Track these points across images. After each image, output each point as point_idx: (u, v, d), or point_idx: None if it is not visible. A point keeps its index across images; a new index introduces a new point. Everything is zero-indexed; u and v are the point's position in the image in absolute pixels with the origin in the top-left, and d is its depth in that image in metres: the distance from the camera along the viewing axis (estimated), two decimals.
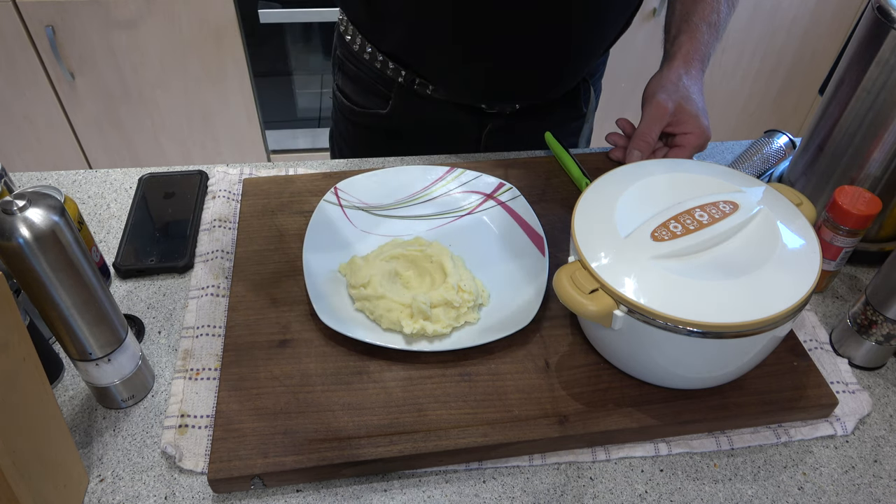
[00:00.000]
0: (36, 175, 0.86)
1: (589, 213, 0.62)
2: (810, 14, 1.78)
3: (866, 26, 0.68)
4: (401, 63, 0.85)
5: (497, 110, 0.88)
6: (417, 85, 0.86)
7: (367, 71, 0.88)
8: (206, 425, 0.60)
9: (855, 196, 0.66)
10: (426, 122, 0.90)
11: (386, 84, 0.88)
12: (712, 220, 0.59)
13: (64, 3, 1.51)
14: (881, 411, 0.64)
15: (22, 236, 0.47)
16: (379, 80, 0.88)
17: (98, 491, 0.57)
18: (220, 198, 0.80)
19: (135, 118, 1.75)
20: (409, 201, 0.79)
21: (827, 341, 0.69)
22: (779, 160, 0.87)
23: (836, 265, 0.71)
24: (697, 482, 0.59)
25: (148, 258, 0.74)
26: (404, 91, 0.87)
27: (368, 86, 0.90)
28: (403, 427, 0.58)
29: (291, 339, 0.65)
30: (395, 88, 0.88)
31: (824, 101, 0.75)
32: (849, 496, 0.58)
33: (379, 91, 0.89)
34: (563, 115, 0.91)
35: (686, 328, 0.53)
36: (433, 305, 0.65)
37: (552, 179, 0.84)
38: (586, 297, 0.55)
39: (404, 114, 0.90)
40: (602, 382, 0.62)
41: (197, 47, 1.63)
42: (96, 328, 0.55)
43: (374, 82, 0.89)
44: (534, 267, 0.70)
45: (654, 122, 0.73)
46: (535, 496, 0.57)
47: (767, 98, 1.97)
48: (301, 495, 0.57)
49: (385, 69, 0.86)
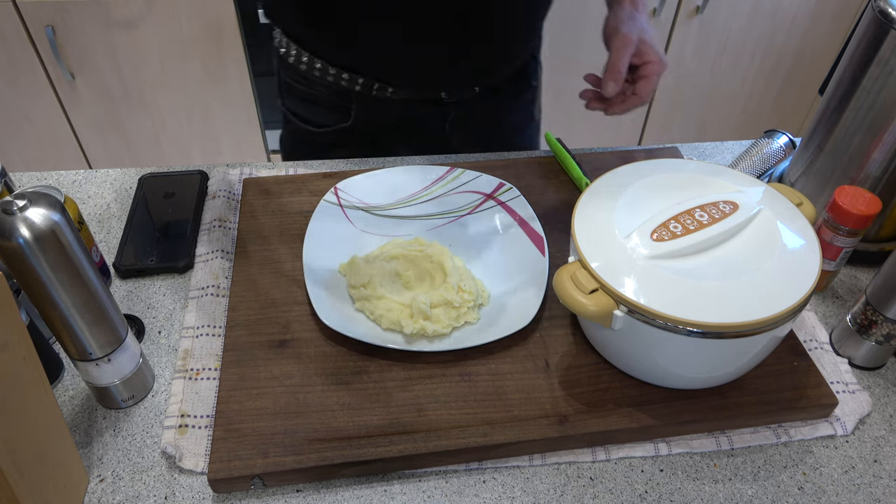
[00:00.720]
0: (36, 175, 0.86)
1: (589, 213, 0.62)
2: (810, 14, 1.78)
3: (866, 26, 0.68)
4: (355, 71, 0.83)
5: (456, 98, 0.88)
6: (376, 90, 0.84)
7: (321, 88, 0.86)
8: (206, 425, 0.60)
9: (855, 196, 0.66)
10: (390, 125, 0.89)
11: (343, 96, 0.86)
12: (712, 220, 0.59)
13: (64, 3, 1.51)
14: (881, 411, 0.64)
15: (22, 236, 0.47)
16: (335, 94, 0.86)
17: (98, 491, 0.57)
18: (220, 198, 0.80)
19: (135, 118, 1.75)
20: (409, 201, 0.79)
21: (827, 341, 0.69)
22: (779, 160, 0.87)
23: (836, 265, 0.71)
24: (697, 482, 0.59)
25: (148, 258, 0.74)
26: (364, 99, 0.85)
27: (325, 102, 0.87)
28: (403, 427, 0.58)
29: (291, 339, 0.65)
30: (353, 98, 0.86)
31: (824, 101, 0.75)
32: (849, 496, 0.58)
33: (337, 105, 0.87)
34: (516, 90, 0.92)
35: (686, 328, 0.53)
36: (433, 305, 0.65)
37: (552, 179, 0.84)
38: (586, 297, 0.55)
39: (367, 123, 0.88)
40: (602, 382, 0.62)
41: (197, 47, 1.63)
42: (96, 328, 0.55)
43: (330, 97, 0.86)
44: (534, 267, 0.70)
45: (622, 53, 0.76)
46: (535, 496, 0.57)
47: (767, 98, 1.97)
48: (301, 495, 0.57)
49: (339, 81, 0.84)
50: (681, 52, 1.80)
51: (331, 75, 0.84)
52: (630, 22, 0.77)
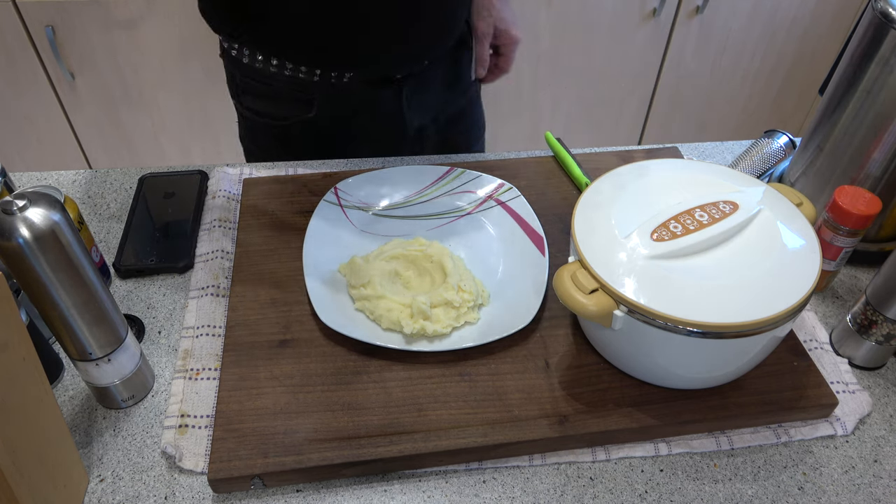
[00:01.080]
0: (36, 175, 0.86)
1: (589, 213, 0.62)
2: (810, 14, 1.78)
3: (866, 26, 0.68)
4: (312, 63, 0.86)
5: (407, 72, 0.92)
6: (334, 78, 0.87)
7: (280, 83, 0.88)
8: (206, 425, 0.60)
9: (855, 196, 0.66)
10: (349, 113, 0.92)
11: (304, 88, 0.88)
12: (712, 220, 0.59)
13: (64, 3, 1.51)
14: (881, 411, 0.64)
15: (22, 236, 0.47)
16: (296, 88, 0.88)
17: (98, 491, 0.57)
18: (220, 198, 0.80)
19: (135, 118, 1.75)
20: (409, 201, 0.79)
21: (827, 341, 0.69)
22: (779, 160, 0.87)
23: (836, 265, 0.71)
24: (697, 482, 0.59)
25: (148, 258, 0.74)
26: (324, 88, 0.88)
27: (286, 95, 0.90)
28: (403, 427, 0.58)
29: (291, 339, 0.65)
30: (314, 89, 0.88)
31: (824, 101, 0.75)
32: (849, 496, 0.58)
33: (299, 97, 0.89)
34: (458, 57, 0.99)
35: (686, 328, 0.53)
36: (433, 305, 0.65)
37: (552, 179, 0.84)
38: (586, 297, 0.55)
39: (328, 114, 0.91)
40: (602, 382, 0.62)
41: (197, 47, 1.63)
42: (96, 328, 0.55)
43: (291, 91, 0.89)
44: (534, 267, 0.70)
45: (482, 43, 0.96)
46: (535, 496, 0.57)
47: (767, 98, 1.97)
48: (301, 495, 0.57)
49: (297, 74, 0.86)
50: (681, 52, 1.80)
51: (288, 69, 0.86)
52: (486, 13, 0.94)
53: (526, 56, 1.73)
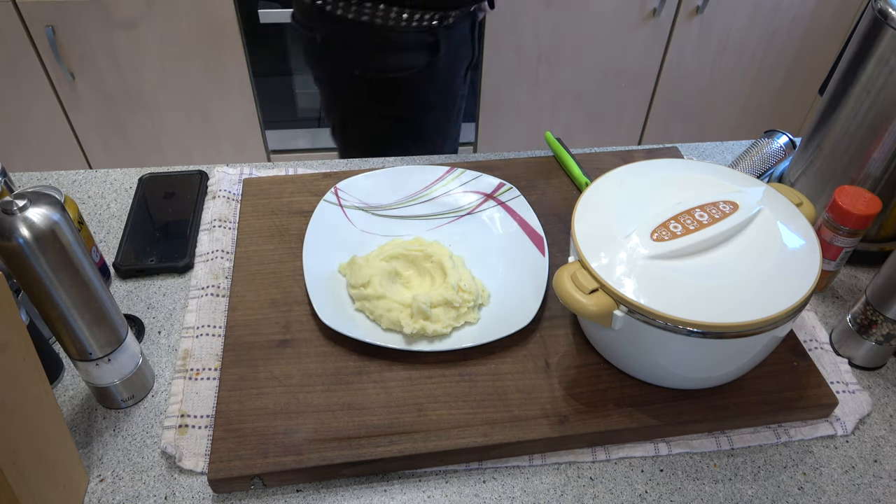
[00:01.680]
0: (36, 175, 0.86)
1: (589, 213, 0.62)
2: (810, 14, 1.78)
3: (866, 26, 0.68)
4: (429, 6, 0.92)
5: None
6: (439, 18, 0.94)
7: (405, 35, 0.94)
8: (206, 425, 0.60)
9: (855, 196, 0.66)
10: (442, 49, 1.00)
11: (431, 33, 0.95)
12: (712, 220, 0.59)
13: (64, 3, 1.51)
14: (881, 411, 0.65)
15: (22, 236, 0.47)
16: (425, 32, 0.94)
17: (98, 491, 0.57)
18: (220, 198, 0.80)
19: (135, 118, 1.75)
20: (409, 201, 0.79)
21: (827, 341, 0.69)
22: (779, 160, 0.87)
23: (836, 265, 0.71)
24: (697, 482, 0.59)
25: (148, 258, 0.74)
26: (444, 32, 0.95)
27: (413, 46, 0.96)
28: (403, 427, 0.58)
29: (291, 339, 0.65)
30: (440, 32, 0.95)
31: (824, 101, 0.75)
32: (849, 496, 0.58)
33: (425, 43, 0.96)
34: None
35: (686, 328, 0.53)
36: (433, 305, 0.65)
37: (552, 179, 0.84)
38: (586, 297, 0.55)
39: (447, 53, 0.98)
40: (602, 382, 0.62)
41: (197, 47, 1.63)
42: (96, 328, 0.55)
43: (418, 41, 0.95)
44: (534, 267, 0.70)
45: None
46: (535, 496, 0.57)
47: (767, 98, 1.97)
48: (301, 495, 0.57)
49: (422, 22, 0.93)
50: (681, 52, 1.80)
51: (415, 20, 0.93)
52: None
53: (526, 56, 1.73)
